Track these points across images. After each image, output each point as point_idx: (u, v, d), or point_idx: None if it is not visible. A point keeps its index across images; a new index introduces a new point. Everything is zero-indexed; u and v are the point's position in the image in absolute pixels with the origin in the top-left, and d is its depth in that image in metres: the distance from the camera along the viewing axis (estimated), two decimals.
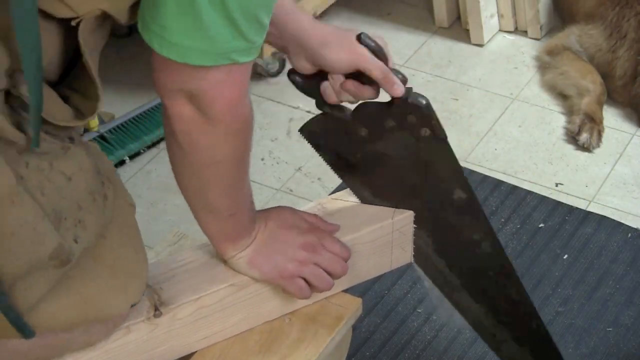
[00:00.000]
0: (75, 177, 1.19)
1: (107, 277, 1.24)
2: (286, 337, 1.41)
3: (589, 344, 2.04)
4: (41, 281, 1.16)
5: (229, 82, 1.17)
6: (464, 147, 2.58)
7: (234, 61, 1.15)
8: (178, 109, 1.19)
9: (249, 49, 1.16)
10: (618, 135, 2.65)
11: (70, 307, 1.21)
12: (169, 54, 1.13)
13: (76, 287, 1.21)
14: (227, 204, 1.29)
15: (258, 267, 1.36)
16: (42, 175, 1.15)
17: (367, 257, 1.48)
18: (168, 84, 1.17)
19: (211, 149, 1.22)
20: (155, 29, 1.12)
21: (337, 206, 1.50)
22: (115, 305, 1.26)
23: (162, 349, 1.35)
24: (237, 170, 1.27)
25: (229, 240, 1.34)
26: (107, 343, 1.29)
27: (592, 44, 2.78)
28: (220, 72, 1.15)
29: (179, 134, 1.21)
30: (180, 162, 1.26)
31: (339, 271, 1.40)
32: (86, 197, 1.20)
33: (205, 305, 1.35)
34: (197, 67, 1.14)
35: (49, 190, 1.15)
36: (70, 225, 1.18)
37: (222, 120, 1.19)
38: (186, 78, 1.16)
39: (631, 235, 2.31)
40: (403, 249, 1.52)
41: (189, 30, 1.11)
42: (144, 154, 2.53)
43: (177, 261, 1.40)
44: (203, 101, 1.17)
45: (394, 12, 3.12)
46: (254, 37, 1.15)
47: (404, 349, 2.02)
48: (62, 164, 1.17)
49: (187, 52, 1.13)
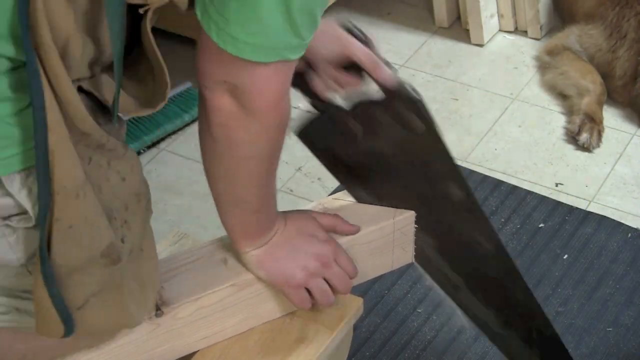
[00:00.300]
0: (128, 178, 1.19)
1: (138, 291, 1.25)
2: (287, 337, 1.41)
3: (589, 344, 2.04)
4: (92, 280, 1.17)
5: (275, 79, 1.16)
6: (464, 147, 2.58)
7: (285, 58, 1.14)
8: (218, 101, 1.17)
9: (300, 46, 1.14)
10: (618, 135, 2.65)
11: (108, 315, 1.21)
12: (225, 45, 1.11)
13: (117, 297, 1.21)
14: (254, 200, 1.29)
15: (266, 269, 1.35)
16: (101, 172, 1.16)
17: (368, 257, 1.48)
18: (214, 74, 1.16)
19: (247, 144, 1.21)
20: (216, 18, 1.10)
21: (337, 206, 1.50)
22: (139, 317, 1.27)
23: (162, 349, 1.35)
24: (269, 166, 1.27)
25: (247, 236, 1.34)
26: (108, 342, 1.29)
27: (592, 44, 2.78)
28: (269, 68, 1.14)
29: (216, 127, 1.20)
30: (213, 155, 1.25)
31: (344, 289, 1.40)
32: (133, 199, 1.21)
33: (205, 305, 1.35)
34: (249, 62, 1.12)
35: (105, 188, 1.16)
36: (118, 225, 1.18)
37: (262, 116, 1.18)
38: (234, 71, 1.14)
39: (631, 235, 2.31)
40: (404, 249, 1.52)
41: (247, 22, 1.09)
42: (144, 154, 2.53)
43: (178, 261, 1.40)
44: (247, 96, 1.16)
45: (394, 12, 3.12)
46: (306, 34, 1.13)
47: (404, 349, 2.02)
48: (118, 163, 1.18)
49: (242, 47, 1.11)
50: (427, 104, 1.34)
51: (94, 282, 1.17)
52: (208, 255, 1.41)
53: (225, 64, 1.14)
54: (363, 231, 1.45)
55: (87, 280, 1.17)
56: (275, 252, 1.35)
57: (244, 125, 1.19)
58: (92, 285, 1.17)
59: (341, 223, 1.43)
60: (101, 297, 1.19)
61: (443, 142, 1.37)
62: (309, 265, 1.35)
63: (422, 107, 1.33)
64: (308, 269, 1.35)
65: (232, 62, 1.13)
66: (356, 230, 1.44)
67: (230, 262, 1.39)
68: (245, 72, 1.14)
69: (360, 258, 1.45)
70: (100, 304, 1.19)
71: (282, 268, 1.35)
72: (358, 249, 1.45)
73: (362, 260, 1.46)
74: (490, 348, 2.02)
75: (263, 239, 1.34)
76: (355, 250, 1.44)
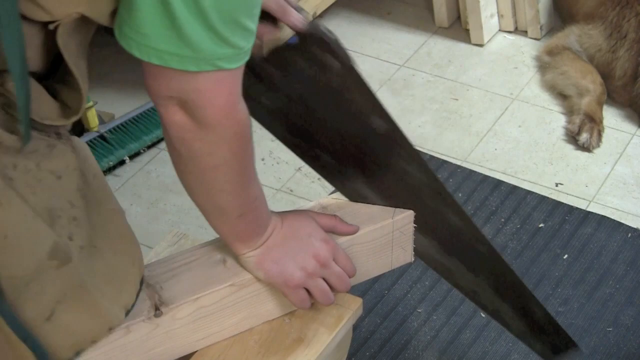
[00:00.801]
0: (64, 175, 1.18)
1: (103, 286, 1.24)
2: (286, 336, 1.40)
3: (589, 344, 2.04)
4: (52, 287, 1.16)
5: (219, 89, 1.16)
6: (464, 147, 2.58)
7: (220, 68, 1.13)
8: (171, 116, 1.18)
9: (236, 55, 1.14)
10: (618, 135, 2.65)
11: (82, 318, 1.21)
12: (149, 58, 1.12)
13: (85, 298, 1.20)
14: (234, 206, 1.29)
15: (264, 270, 1.35)
16: (30, 175, 1.14)
17: (367, 257, 1.48)
18: (158, 90, 1.16)
19: (207, 155, 1.21)
20: (133, 36, 1.11)
21: (336, 206, 1.49)
22: (118, 312, 1.26)
23: (161, 349, 1.35)
24: (240, 172, 1.26)
25: (241, 240, 1.33)
26: (107, 343, 1.29)
27: (592, 44, 2.78)
28: (207, 79, 1.14)
29: (175, 141, 1.21)
30: (181, 168, 1.26)
31: (343, 289, 1.40)
32: (76, 195, 1.20)
33: (204, 305, 1.35)
34: (183, 73, 1.13)
35: (40, 189, 1.15)
36: (65, 223, 1.18)
37: (215, 127, 1.18)
38: (175, 85, 1.14)
39: (631, 235, 2.31)
40: (403, 249, 1.52)
41: (170, 38, 1.10)
42: (144, 154, 2.53)
43: (178, 261, 1.40)
44: (196, 109, 1.16)
45: (394, 12, 3.12)
46: (239, 43, 1.13)
47: (404, 349, 2.02)
48: (49, 163, 1.17)
49: (168, 58, 1.11)
50: (341, 43, 1.34)
51: (54, 288, 1.16)
52: (207, 255, 1.41)
53: (163, 78, 1.14)
54: (362, 231, 1.45)
55: (46, 289, 1.16)
56: (273, 252, 1.35)
57: (200, 137, 1.19)
58: (54, 293, 1.17)
59: (340, 223, 1.43)
60: (68, 302, 1.18)
61: (362, 78, 1.36)
62: (307, 265, 1.35)
63: (337, 46, 1.33)
64: (307, 269, 1.35)
65: (168, 75, 1.13)
66: (355, 230, 1.44)
67: (229, 262, 1.39)
68: (186, 84, 1.14)
69: (360, 258, 1.45)
70: (70, 309, 1.19)
71: (280, 268, 1.35)
72: (357, 249, 1.45)
73: (362, 260, 1.46)
74: (490, 348, 2.02)
75: (258, 240, 1.34)
76: (355, 250, 1.44)
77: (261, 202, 1.33)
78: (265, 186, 2.42)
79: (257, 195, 1.31)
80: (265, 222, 1.34)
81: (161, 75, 1.14)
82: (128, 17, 1.10)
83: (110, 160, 2.46)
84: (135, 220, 2.29)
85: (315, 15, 2.84)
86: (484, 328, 2.06)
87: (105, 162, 2.44)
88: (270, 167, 2.48)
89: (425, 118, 2.69)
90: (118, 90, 2.70)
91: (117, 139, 2.49)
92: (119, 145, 2.49)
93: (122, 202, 2.35)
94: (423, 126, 2.66)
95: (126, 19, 1.11)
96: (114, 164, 2.47)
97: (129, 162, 2.50)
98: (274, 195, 2.39)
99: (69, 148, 1.21)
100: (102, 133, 2.48)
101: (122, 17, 1.11)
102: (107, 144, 2.48)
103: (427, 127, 2.66)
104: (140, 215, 2.34)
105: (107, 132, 2.48)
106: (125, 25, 1.11)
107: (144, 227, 2.28)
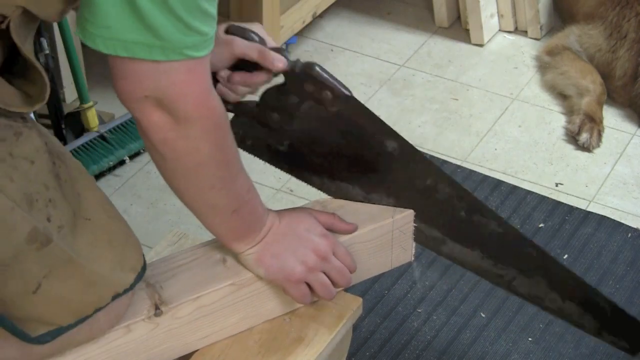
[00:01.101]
0: (36, 159, 1.19)
1: (108, 252, 1.24)
2: (286, 336, 1.41)
3: (589, 343, 2.04)
4: (33, 266, 1.17)
5: (192, 78, 1.16)
6: (464, 147, 2.58)
7: (189, 56, 1.14)
8: (148, 117, 1.18)
9: (203, 42, 1.15)
10: (618, 135, 2.65)
11: (72, 284, 1.21)
12: (116, 51, 1.12)
13: (75, 269, 1.21)
14: (226, 201, 1.29)
15: (265, 266, 1.35)
16: (6, 164, 1.15)
17: (367, 256, 1.48)
18: (131, 92, 1.16)
19: (193, 152, 1.21)
20: (97, 32, 1.11)
21: (337, 205, 1.50)
22: (123, 277, 1.26)
23: (162, 348, 1.35)
24: (227, 165, 1.26)
25: (238, 237, 1.34)
26: (107, 342, 1.29)
27: (592, 44, 2.78)
28: (178, 70, 1.14)
29: (157, 144, 1.20)
30: (168, 171, 1.25)
31: (344, 283, 1.40)
32: (50, 176, 1.20)
33: (205, 304, 1.35)
34: (153, 65, 1.13)
35: (17, 177, 1.16)
36: (42, 205, 1.18)
37: (195, 119, 1.18)
38: (145, 81, 1.14)
39: (631, 235, 2.31)
40: (403, 248, 1.52)
41: (136, 28, 1.10)
42: (144, 154, 2.52)
43: (178, 260, 1.40)
44: (172, 104, 1.16)
45: (394, 12, 3.12)
46: (203, 29, 1.14)
47: (404, 349, 2.02)
48: (20, 149, 1.17)
49: (133, 47, 1.11)
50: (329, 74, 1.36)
51: (38, 266, 1.17)
52: (207, 254, 1.41)
53: (135, 76, 1.14)
54: (362, 230, 1.45)
55: (28, 268, 1.17)
56: (273, 248, 1.35)
57: (183, 135, 1.19)
58: (38, 270, 1.17)
59: (338, 221, 1.43)
60: (55, 276, 1.19)
61: (361, 104, 1.38)
62: (308, 260, 1.35)
63: (325, 78, 1.35)
64: (307, 263, 1.35)
65: (139, 71, 1.14)
66: (353, 229, 1.44)
67: (229, 261, 1.39)
68: (158, 79, 1.14)
69: (360, 256, 1.45)
70: (58, 281, 1.19)
71: (281, 264, 1.35)
72: (357, 248, 1.45)
73: (362, 259, 1.46)
74: (490, 348, 2.02)
75: (256, 236, 1.34)
76: (355, 249, 1.44)
77: (253, 194, 1.33)
78: (265, 186, 2.42)
79: (248, 187, 1.31)
80: (261, 216, 1.34)
81: (132, 72, 1.14)
82: (90, 15, 1.11)
83: (110, 160, 2.45)
84: (135, 220, 2.28)
85: (315, 15, 2.84)
86: (484, 328, 2.06)
87: (105, 162, 2.44)
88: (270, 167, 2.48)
89: (425, 118, 2.69)
90: None
91: (117, 139, 2.49)
92: (119, 145, 2.48)
93: (122, 202, 2.37)
94: (423, 126, 2.66)
95: (88, 17, 1.11)
96: (114, 164, 2.47)
97: (129, 162, 2.50)
98: (274, 195, 2.39)
99: (35, 132, 1.21)
100: (102, 133, 2.47)
101: (84, 17, 1.12)
102: (107, 144, 2.47)
103: (427, 127, 2.66)
104: (140, 215, 2.34)
105: (107, 132, 2.48)
106: (88, 24, 1.12)
107: (144, 227, 2.28)
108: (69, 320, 1.22)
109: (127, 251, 1.27)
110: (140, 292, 1.33)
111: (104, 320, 1.27)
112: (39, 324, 1.21)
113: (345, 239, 1.44)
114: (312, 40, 2.98)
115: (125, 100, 1.17)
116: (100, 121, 2.49)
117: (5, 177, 1.14)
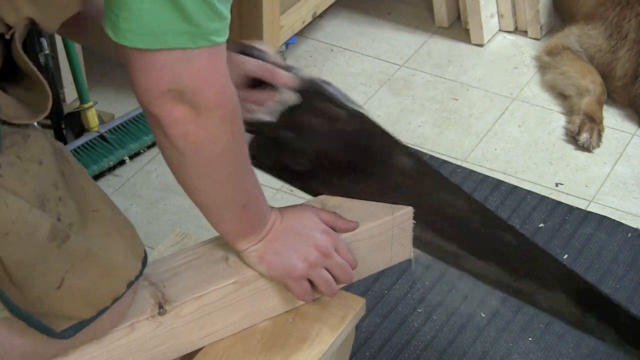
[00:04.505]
0: (44, 159, 1.20)
1: (119, 241, 1.26)
2: (289, 336, 1.41)
3: (589, 343, 2.04)
4: (56, 262, 1.19)
5: (213, 66, 1.17)
6: (464, 147, 2.58)
7: (214, 42, 1.15)
8: (168, 113, 1.18)
9: (224, 28, 1.16)
10: (618, 135, 2.65)
11: (92, 276, 1.22)
12: (144, 42, 1.12)
13: (93, 261, 1.22)
14: (240, 194, 1.29)
15: (267, 263, 1.36)
16: (17, 168, 1.16)
17: (367, 253, 1.48)
18: (155, 87, 1.16)
19: (213, 142, 1.22)
20: (127, 25, 1.12)
21: (336, 203, 1.50)
22: (134, 264, 1.27)
23: (165, 347, 1.35)
24: (242, 157, 1.27)
25: (243, 234, 1.34)
26: (111, 341, 1.29)
27: (592, 45, 2.78)
28: (202, 58, 1.15)
29: (177, 139, 1.20)
30: (184, 168, 1.25)
31: (345, 279, 1.40)
32: (57, 175, 1.21)
33: (207, 303, 1.35)
34: (179, 54, 1.13)
35: (29, 179, 1.17)
36: (52, 205, 1.19)
37: (215, 108, 1.19)
38: (171, 74, 1.15)
39: (631, 235, 2.31)
40: (403, 245, 1.52)
41: (170, 17, 1.11)
42: (144, 154, 2.53)
43: (180, 259, 1.40)
44: (194, 94, 1.16)
45: (394, 12, 3.12)
46: (226, 13, 1.15)
47: (404, 349, 2.02)
48: (28, 152, 1.18)
49: (165, 36, 1.12)
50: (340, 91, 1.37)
51: (61, 262, 1.19)
52: (209, 253, 1.41)
53: (159, 69, 1.15)
54: (362, 227, 1.46)
55: (51, 264, 1.18)
56: (275, 245, 1.35)
57: (203, 125, 1.19)
58: (61, 266, 1.19)
59: (339, 220, 1.43)
60: (77, 270, 1.20)
61: (373, 120, 1.39)
62: (309, 256, 1.36)
63: (336, 95, 1.36)
64: (309, 260, 1.36)
65: (162, 63, 1.14)
66: (354, 227, 1.45)
67: (232, 260, 1.39)
68: (182, 69, 1.14)
69: (360, 254, 1.45)
70: (80, 275, 1.21)
71: (282, 260, 1.35)
72: (357, 245, 1.45)
73: (362, 256, 1.46)
74: (490, 348, 2.02)
75: (259, 234, 1.35)
76: (355, 246, 1.44)
77: (260, 191, 1.34)
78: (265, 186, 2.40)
79: (256, 183, 1.33)
80: (265, 214, 1.35)
81: (155, 65, 1.14)
82: (120, 10, 1.11)
83: (110, 160, 2.45)
84: (135, 220, 2.27)
85: (315, 15, 2.84)
86: (484, 328, 2.06)
87: (105, 162, 2.44)
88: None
89: (425, 118, 2.69)
90: (118, 90, 2.69)
91: (117, 139, 2.49)
92: (119, 145, 2.48)
93: (122, 202, 2.37)
94: (423, 126, 2.66)
95: (119, 13, 1.12)
96: (114, 164, 2.47)
97: (129, 162, 2.50)
98: (274, 195, 2.39)
99: (40, 133, 1.22)
100: (102, 133, 2.47)
101: (114, 13, 1.12)
102: (107, 144, 2.47)
103: (427, 127, 2.66)
104: (140, 215, 2.34)
105: (107, 132, 2.48)
106: (120, 20, 1.12)
107: (144, 227, 2.28)
108: (91, 312, 1.24)
109: (134, 239, 1.29)
110: (143, 291, 1.33)
111: (107, 320, 1.27)
112: (62, 319, 1.22)
113: (345, 237, 1.44)
114: (312, 40, 2.98)
115: (146, 98, 1.17)
116: (100, 121, 2.49)
117: (18, 181, 1.15)
